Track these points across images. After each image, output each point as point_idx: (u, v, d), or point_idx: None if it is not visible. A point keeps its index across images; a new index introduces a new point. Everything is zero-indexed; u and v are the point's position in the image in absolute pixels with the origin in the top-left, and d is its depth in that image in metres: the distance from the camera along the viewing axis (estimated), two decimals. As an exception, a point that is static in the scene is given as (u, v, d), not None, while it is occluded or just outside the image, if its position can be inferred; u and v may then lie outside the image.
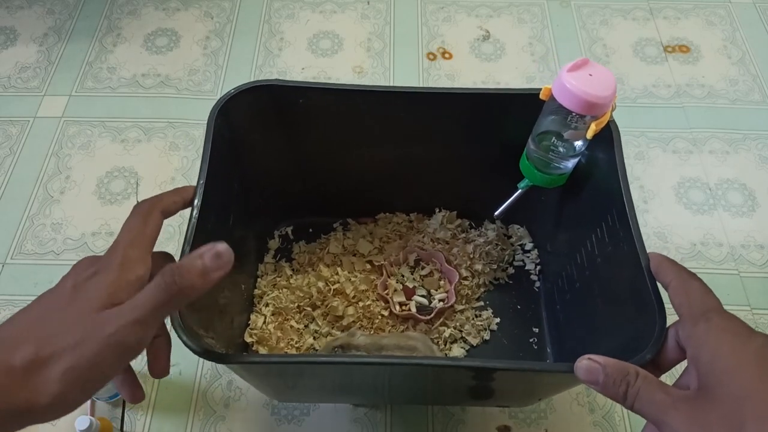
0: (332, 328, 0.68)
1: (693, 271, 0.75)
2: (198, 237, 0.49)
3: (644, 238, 0.48)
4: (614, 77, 0.51)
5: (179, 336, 0.44)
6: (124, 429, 0.65)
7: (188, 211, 0.50)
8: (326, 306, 0.68)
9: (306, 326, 0.68)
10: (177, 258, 0.46)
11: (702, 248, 0.79)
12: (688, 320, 0.39)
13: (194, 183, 0.52)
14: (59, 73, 0.95)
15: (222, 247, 0.34)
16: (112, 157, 0.86)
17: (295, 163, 0.68)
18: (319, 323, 0.68)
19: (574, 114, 0.51)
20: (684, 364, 0.41)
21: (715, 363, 0.35)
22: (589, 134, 0.51)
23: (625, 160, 0.52)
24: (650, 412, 0.36)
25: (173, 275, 0.33)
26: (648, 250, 0.46)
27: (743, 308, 0.74)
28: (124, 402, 0.66)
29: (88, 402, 0.65)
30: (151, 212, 0.41)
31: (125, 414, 0.65)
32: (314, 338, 0.67)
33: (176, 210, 0.45)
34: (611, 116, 0.53)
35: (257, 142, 0.63)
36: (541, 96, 0.53)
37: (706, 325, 0.37)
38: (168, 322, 0.43)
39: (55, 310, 0.34)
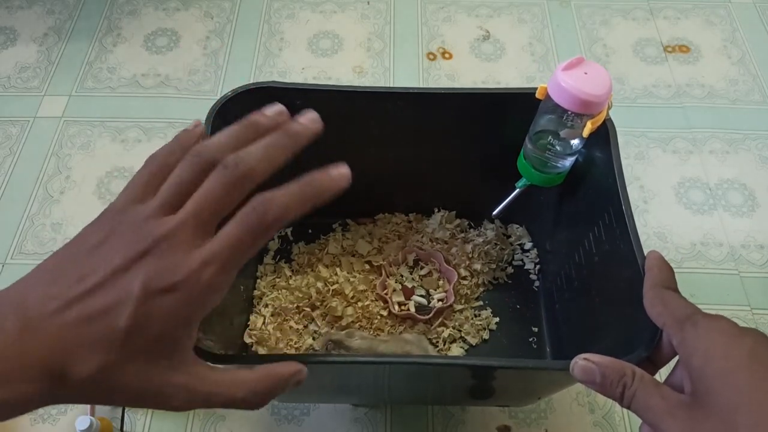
0: (331, 328, 0.68)
1: (693, 271, 0.76)
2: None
3: (644, 238, 0.48)
4: (610, 75, 0.51)
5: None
6: (124, 429, 0.65)
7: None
8: (325, 306, 0.68)
9: (305, 326, 0.68)
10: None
11: (702, 248, 0.78)
12: (673, 327, 0.38)
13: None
14: (59, 73, 0.95)
15: (303, 375, 0.35)
16: (112, 157, 0.86)
17: (293, 164, 0.68)
18: (319, 324, 0.68)
19: (569, 113, 0.51)
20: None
21: (706, 369, 0.34)
22: (586, 133, 0.51)
23: (625, 160, 0.53)
24: (646, 417, 0.36)
25: (268, 392, 0.33)
26: (648, 250, 0.46)
27: (743, 308, 0.74)
28: (123, 402, 0.66)
29: (88, 402, 0.65)
30: (269, 231, 0.33)
31: (125, 414, 0.65)
32: (313, 338, 0.67)
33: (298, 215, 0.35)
34: (607, 114, 0.53)
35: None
36: (537, 95, 0.53)
37: (693, 328, 0.36)
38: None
39: (121, 316, 0.29)
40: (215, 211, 0.31)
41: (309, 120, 0.37)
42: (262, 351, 0.66)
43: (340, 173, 0.36)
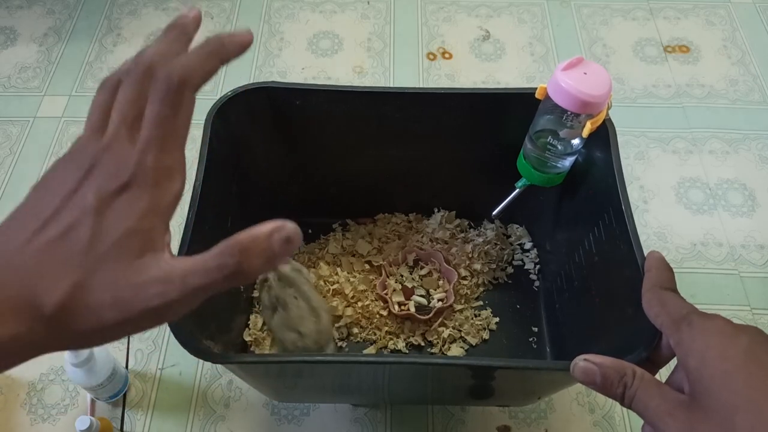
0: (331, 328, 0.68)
1: (693, 271, 0.76)
2: (195, 239, 0.49)
3: (644, 238, 0.48)
4: (609, 76, 0.51)
5: (177, 337, 0.44)
6: (124, 429, 0.65)
7: (185, 211, 0.50)
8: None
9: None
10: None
11: (702, 248, 0.78)
12: (670, 327, 0.38)
13: (193, 185, 0.52)
14: (59, 73, 0.95)
15: (291, 229, 0.29)
16: (112, 157, 0.86)
17: (293, 164, 0.68)
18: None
19: (569, 113, 0.51)
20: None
21: (704, 370, 0.34)
22: (585, 133, 0.51)
23: (625, 160, 0.53)
24: (646, 417, 0.36)
25: (238, 258, 0.28)
26: (648, 250, 0.46)
27: (743, 308, 0.74)
28: (124, 402, 0.66)
29: (89, 402, 0.65)
30: (182, 92, 0.31)
31: (125, 414, 0.65)
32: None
33: (210, 78, 0.33)
34: (607, 114, 0.53)
35: (255, 144, 0.63)
36: (537, 95, 0.53)
37: (689, 329, 0.36)
38: (168, 328, 0.43)
39: (82, 230, 0.28)
40: (140, 101, 0.31)
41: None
42: (261, 351, 0.66)
43: (239, 31, 0.34)
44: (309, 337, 0.55)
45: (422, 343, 0.68)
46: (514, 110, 0.58)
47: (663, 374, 0.41)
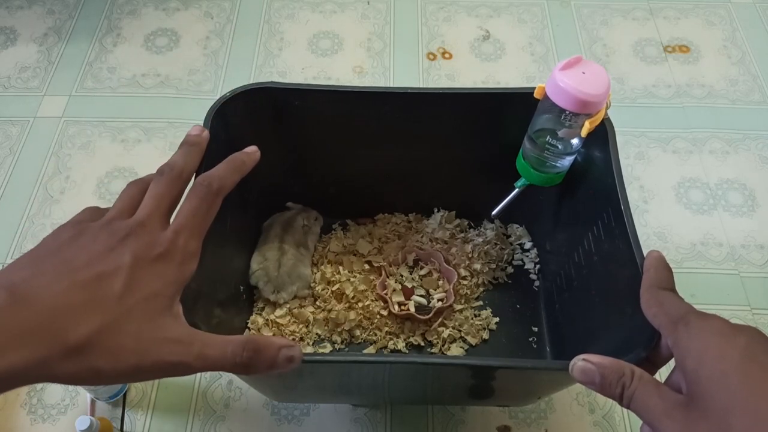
0: (331, 334, 0.68)
1: (693, 271, 0.76)
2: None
3: (644, 238, 0.48)
4: (608, 75, 0.51)
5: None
6: (124, 429, 0.65)
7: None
8: (327, 311, 0.68)
9: (306, 326, 0.68)
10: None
11: (702, 248, 0.78)
12: (667, 327, 0.38)
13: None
14: (59, 73, 0.95)
15: (297, 351, 0.36)
16: (112, 157, 0.86)
17: (293, 165, 0.68)
18: (320, 331, 0.68)
19: (568, 112, 0.51)
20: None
21: (701, 370, 0.34)
22: (584, 132, 0.51)
23: (625, 160, 0.53)
24: (645, 417, 0.36)
25: (251, 356, 0.34)
26: (648, 250, 0.46)
27: (743, 308, 0.74)
28: (124, 402, 0.66)
29: (89, 402, 0.65)
30: (217, 197, 0.39)
31: (125, 414, 0.66)
32: (314, 342, 0.68)
33: (233, 186, 0.42)
34: (606, 114, 0.53)
35: (255, 144, 0.63)
36: (535, 95, 0.53)
37: (686, 329, 0.36)
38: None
39: (116, 280, 0.32)
40: (171, 204, 0.38)
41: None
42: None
43: (251, 150, 0.45)
44: (270, 262, 0.68)
45: (422, 343, 0.68)
46: (513, 110, 0.58)
47: (663, 374, 0.41)
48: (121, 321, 0.31)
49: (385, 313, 0.69)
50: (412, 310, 0.68)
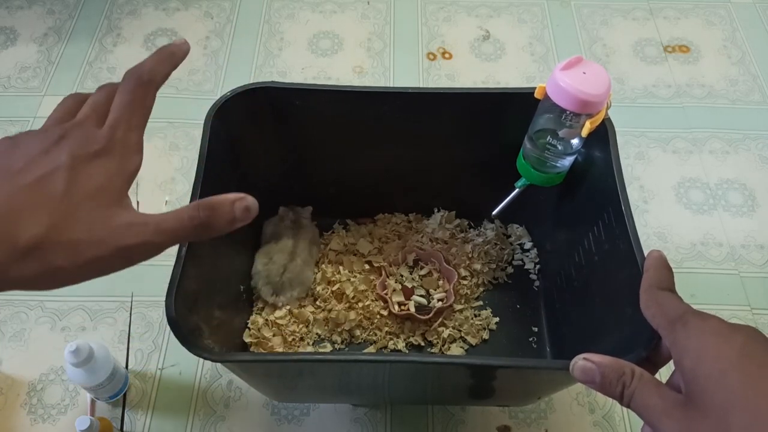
0: (331, 334, 0.68)
1: (693, 271, 0.76)
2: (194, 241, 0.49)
3: (644, 238, 0.48)
4: (608, 75, 0.51)
5: (177, 337, 0.44)
6: (124, 429, 0.65)
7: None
8: (327, 311, 0.68)
9: (306, 326, 0.68)
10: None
11: (702, 248, 0.78)
12: (665, 327, 0.38)
13: (193, 184, 0.52)
14: (59, 73, 0.95)
15: (251, 201, 0.35)
16: (112, 157, 0.86)
17: (293, 164, 0.68)
18: (320, 331, 0.68)
19: (568, 112, 0.51)
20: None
21: (698, 370, 0.34)
22: (584, 132, 0.51)
23: (625, 160, 0.53)
24: (645, 416, 0.36)
25: (207, 213, 0.34)
26: (648, 250, 0.46)
27: (743, 308, 0.74)
28: (124, 402, 0.66)
29: (89, 402, 0.65)
30: (149, 89, 0.37)
31: (125, 414, 0.65)
32: (314, 342, 0.67)
33: (166, 79, 0.40)
34: (606, 114, 0.53)
35: (255, 144, 0.63)
36: (536, 95, 0.53)
37: (684, 329, 0.36)
38: (167, 325, 0.43)
39: (57, 180, 0.32)
40: (108, 101, 0.37)
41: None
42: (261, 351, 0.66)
43: (178, 41, 0.41)
44: (275, 266, 0.68)
45: (422, 343, 0.68)
46: (513, 110, 0.58)
47: (664, 374, 0.41)
48: (70, 217, 0.31)
49: (385, 313, 0.69)
50: (412, 310, 0.68)
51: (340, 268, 0.71)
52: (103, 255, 0.32)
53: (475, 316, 0.70)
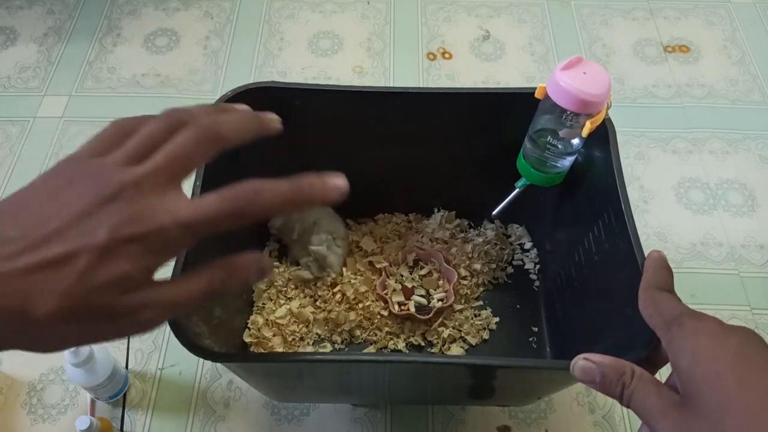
0: (331, 334, 0.68)
1: (693, 271, 0.76)
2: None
3: (644, 238, 0.48)
4: (608, 75, 0.51)
5: (178, 337, 0.44)
6: (124, 429, 0.65)
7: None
8: (327, 312, 0.68)
9: (306, 326, 0.68)
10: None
11: (702, 248, 0.78)
12: (661, 328, 0.38)
13: (193, 186, 0.52)
14: (59, 73, 0.95)
15: (266, 262, 0.34)
16: (112, 157, 0.86)
17: (293, 164, 0.68)
18: (319, 331, 0.68)
19: (568, 112, 0.51)
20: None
21: (694, 371, 0.34)
22: (585, 132, 0.51)
23: (625, 160, 0.53)
24: (643, 416, 0.36)
25: (222, 280, 0.32)
26: (648, 250, 0.46)
27: (743, 308, 0.74)
28: (124, 402, 0.66)
29: (89, 402, 0.65)
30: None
31: (125, 414, 0.66)
32: (314, 342, 0.67)
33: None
34: (606, 114, 0.53)
35: (255, 144, 0.63)
36: (536, 95, 0.53)
37: (680, 330, 0.36)
38: (167, 325, 0.43)
39: (81, 256, 0.28)
40: (185, 164, 0.31)
41: (275, 115, 0.38)
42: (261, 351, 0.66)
43: (335, 185, 0.35)
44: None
45: (422, 343, 0.68)
46: (514, 110, 0.58)
47: (663, 374, 0.42)
48: (85, 297, 0.27)
49: (385, 313, 0.69)
50: (412, 310, 0.68)
51: (343, 269, 0.71)
52: (106, 334, 0.29)
53: (475, 316, 0.70)
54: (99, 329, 0.29)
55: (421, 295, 0.70)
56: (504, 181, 0.62)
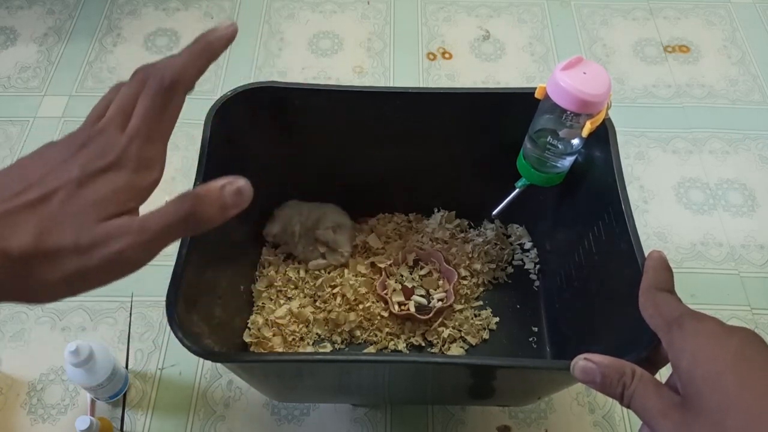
0: (331, 334, 0.68)
1: (693, 271, 0.76)
2: (195, 241, 0.49)
3: (644, 238, 0.48)
4: (609, 75, 0.51)
5: (177, 337, 0.44)
6: (124, 429, 0.65)
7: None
8: (327, 312, 0.68)
9: (306, 326, 0.68)
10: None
11: (702, 248, 0.78)
12: (662, 329, 0.38)
13: (194, 185, 0.52)
14: (59, 73, 0.95)
15: (242, 183, 0.33)
16: (112, 157, 0.86)
17: (293, 164, 0.68)
18: (319, 331, 0.68)
19: (568, 112, 0.51)
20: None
21: (694, 372, 0.34)
22: (585, 132, 0.51)
23: (625, 160, 0.53)
24: (643, 416, 0.36)
25: (193, 204, 0.31)
26: (648, 250, 0.46)
27: (743, 308, 0.74)
28: (124, 402, 0.66)
29: (89, 402, 0.65)
30: (173, 92, 0.35)
31: (125, 414, 0.65)
32: (314, 342, 0.67)
33: (200, 76, 0.37)
34: (607, 114, 0.53)
35: (255, 144, 0.63)
36: (536, 95, 0.53)
37: (680, 331, 0.36)
38: (167, 325, 0.43)
39: (58, 195, 0.30)
40: (154, 119, 0.34)
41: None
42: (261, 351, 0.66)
43: (222, 25, 0.37)
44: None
45: (422, 344, 0.68)
46: (514, 110, 0.58)
47: (663, 374, 0.41)
48: (59, 227, 0.30)
49: (385, 314, 0.68)
50: (412, 310, 0.68)
51: (345, 270, 0.71)
52: (89, 265, 0.30)
53: (475, 316, 0.70)
54: (81, 264, 0.30)
55: (421, 295, 0.70)
56: (504, 181, 0.62)
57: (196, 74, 0.36)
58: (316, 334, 0.68)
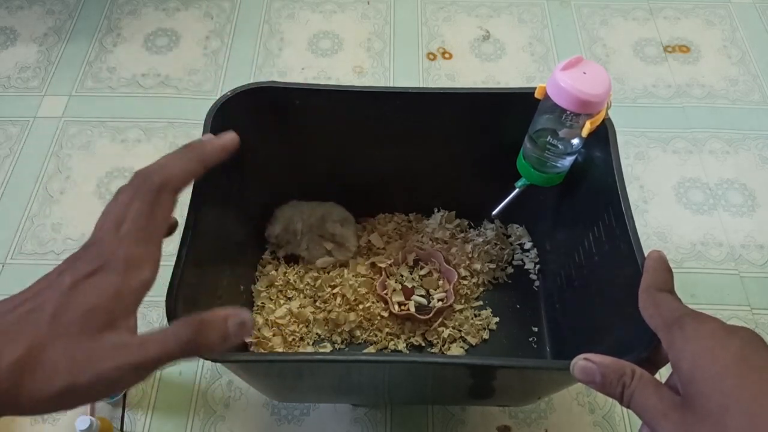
0: (331, 334, 0.68)
1: (693, 271, 0.76)
2: (195, 241, 0.49)
3: (644, 238, 0.48)
4: (608, 75, 0.51)
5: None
6: (124, 429, 0.65)
7: (185, 210, 0.50)
8: (327, 312, 0.68)
9: (306, 326, 0.68)
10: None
11: (702, 248, 0.78)
12: (662, 329, 0.38)
13: (193, 185, 0.52)
14: (59, 73, 0.95)
15: (246, 316, 0.34)
16: (112, 157, 0.86)
17: (293, 164, 0.68)
18: (319, 331, 0.68)
19: (568, 112, 0.51)
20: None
21: (695, 372, 0.34)
22: (585, 132, 0.51)
23: (625, 160, 0.53)
24: (643, 417, 0.36)
25: (196, 332, 0.32)
26: (648, 250, 0.46)
27: (743, 308, 0.74)
28: (124, 402, 0.66)
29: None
30: (162, 192, 0.35)
31: (125, 414, 0.65)
32: (314, 342, 0.67)
33: (191, 180, 0.37)
34: (606, 114, 0.53)
35: (255, 144, 0.63)
36: (536, 95, 0.53)
37: (681, 332, 0.36)
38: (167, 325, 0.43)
39: (50, 304, 0.30)
40: (146, 225, 0.34)
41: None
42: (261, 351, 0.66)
43: (227, 134, 0.39)
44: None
45: (422, 344, 0.68)
46: (514, 110, 0.58)
47: (663, 375, 0.41)
48: (53, 340, 0.29)
49: (385, 314, 0.68)
50: (412, 310, 0.68)
51: (345, 271, 0.71)
52: (80, 383, 0.29)
53: (475, 316, 0.70)
54: (72, 381, 0.29)
55: (421, 295, 0.70)
56: (504, 181, 0.62)
57: (186, 179, 0.36)
58: (316, 334, 0.68)
